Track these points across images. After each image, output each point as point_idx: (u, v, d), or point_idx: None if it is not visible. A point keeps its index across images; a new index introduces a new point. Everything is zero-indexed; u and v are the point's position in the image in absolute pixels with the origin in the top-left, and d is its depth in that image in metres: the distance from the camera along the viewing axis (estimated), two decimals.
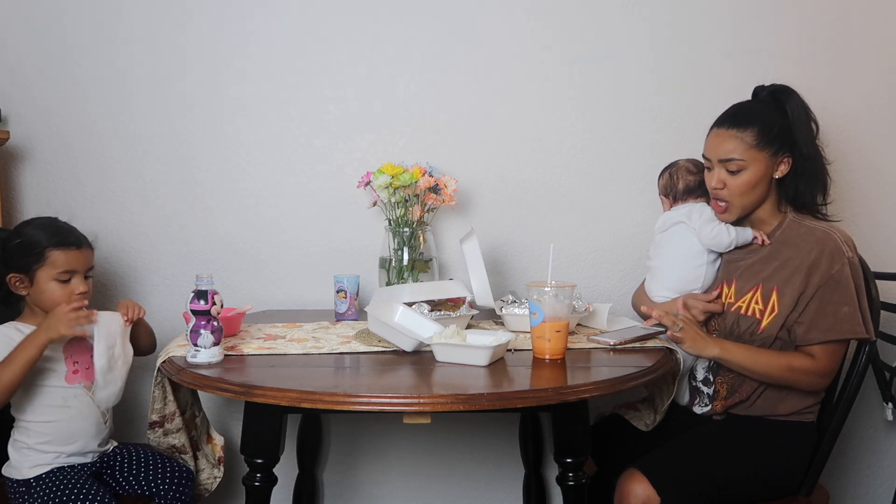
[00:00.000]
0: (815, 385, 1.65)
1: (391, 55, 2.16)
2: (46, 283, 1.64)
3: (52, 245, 1.64)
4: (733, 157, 1.65)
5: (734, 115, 1.69)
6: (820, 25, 2.19)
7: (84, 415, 1.68)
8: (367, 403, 1.31)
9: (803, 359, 1.63)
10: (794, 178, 1.69)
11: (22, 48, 2.12)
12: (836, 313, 1.60)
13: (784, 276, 1.65)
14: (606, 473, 1.78)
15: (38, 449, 1.64)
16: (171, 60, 2.14)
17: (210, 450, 1.77)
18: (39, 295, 1.65)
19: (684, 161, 1.85)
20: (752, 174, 1.65)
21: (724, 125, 1.68)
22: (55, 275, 1.64)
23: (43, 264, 1.64)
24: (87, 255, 1.70)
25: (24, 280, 1.65)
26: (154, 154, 2.16)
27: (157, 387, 1.58)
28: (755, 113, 1.68)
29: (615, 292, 2.24)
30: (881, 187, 2.25)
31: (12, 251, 1.65)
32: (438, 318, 1.69)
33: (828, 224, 1.69)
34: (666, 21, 2.17)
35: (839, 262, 1.60)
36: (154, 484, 1.71)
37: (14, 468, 1.66)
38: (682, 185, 1.83)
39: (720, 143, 1.67)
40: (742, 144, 1.64)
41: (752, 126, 1.65)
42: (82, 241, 1.70)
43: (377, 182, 1.96)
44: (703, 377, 1.76)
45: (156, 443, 1.67)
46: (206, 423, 1.79)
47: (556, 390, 1.38)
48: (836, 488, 2.30)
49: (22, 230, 1.68)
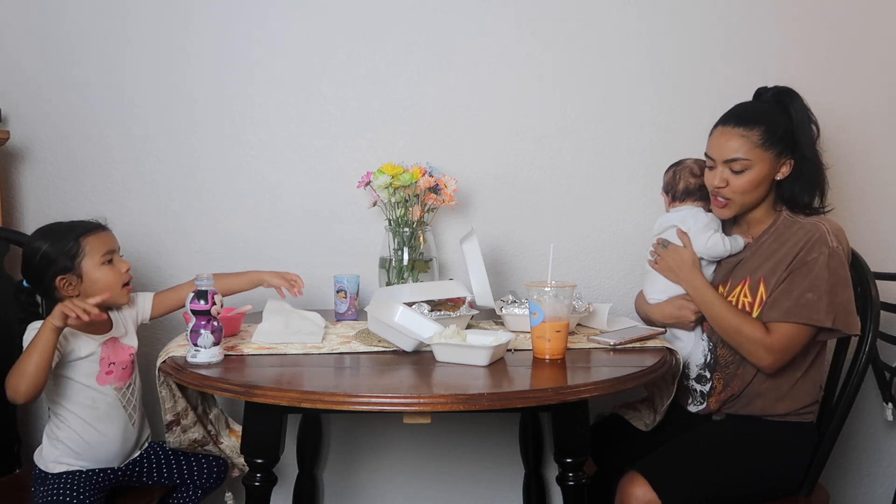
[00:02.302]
0: (760, 358, 1.63)
1: (391, 55, 2.16)
2: (95, 272, 1.63)
3: (81, 234, 1.64)
4: (738, 157, 1.65)
5: (740, 114, 1.68)
6: (819, 25, 2.19)
7: (111, 417, 1.67)
8: (367, 403, 1.31)
9: (756, 328, 1.63)
10: (793, 181, 1.69)
11: (22, 48, 2.12)
12: (800, 297, 1.60)
13: (770, 267, 1.66)
14: (606, 473, 1.78)
15: (65, 442, 1.65)
16: (171, 61, 2.14)
17: (235, 442, 1.76)
18: (92, 286, 1.63)
19: (691, 161, 1.83)
20: (755, 174, 1.65)
21: (729, 123, 1.68)
22: (100, 259, 1.63)
23: (84, 255, 1.62)
24: (113, 236, 1.71)
25: (72, 280, 1.63)
26: (154, 154, 2.16)
27: (162, 386, 1.58)
28: (761, 113, 1.68)
29: (615, 292, 2.24)
30: (881, 188, 2.25)
31: (42, 263, 1.62)
32: (438, 318, 1.69)
33: (819, 217, 1.69)
34: (665, 21, 2.17)
35: (818, 251, 1.60)
36: (187, 474, 1.75)
37: (42, 457, 1.67)
38: (682, 185, 1.82)
39: (725, 141, 1.66)
40: (748, 143, 1.64)
41: (758, 126, 1.64)
42: (101, 224, 1.70)
43: (377, 182, 1.96)
44: (696, 375, 1.76)
45: (177, 444, 1.66)
46: (224, 417, 1.79)
47: (556, 390, 1.38)
48: (836, 488, 2.30)
49: (35, 244, 1.64)
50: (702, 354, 1.76)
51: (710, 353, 1.75)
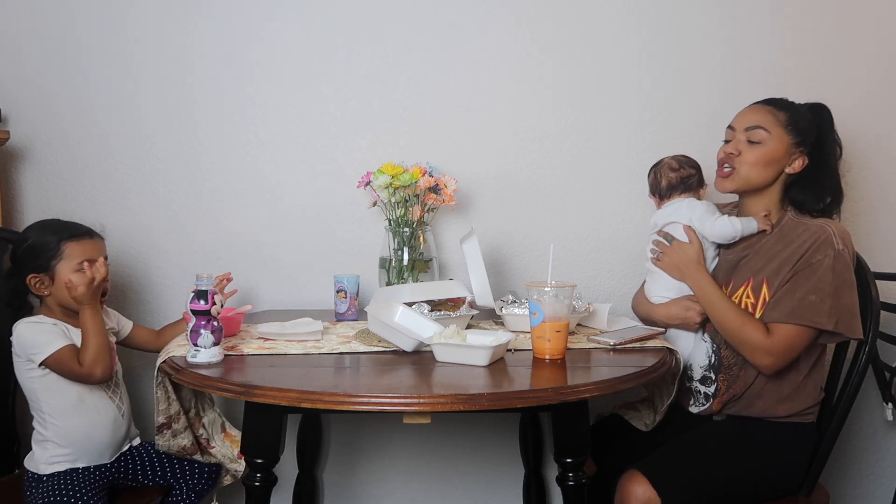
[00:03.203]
0: (760, 361, 1.64)
1: (391, 55, 2.16)
2: (68, 276, 1.65)
3: (64, 238, 1.67)
4: (760, 126, 1.68)
5: (773, 99, 1.75)
6: (817, 27, 2.19)
7: (100, 412, 1.69)
8: (367, 403, 1.31)
9: (758, 330, 1.63)
10: (804, 188, 1.71)
11: (23, 47, 2.12)
12: (803, 299, 1.60)
13: (774, 268, 1.66)
14: (606, 473, 1.78)
15: (55, 442, 1.66)
16: (171, 61, 2.13)
17: (229, 447, 1.77)
18: (62, 290, 1.66)
19: (668, 158, 1.85)
20: (769, 150, 1.68)
21: (761, 102, 1.75)
22: (75, 266, 1.66)
23: (60, 258, 1.66)
24: (100, 245, 1.73)
25: (44, 279, 1.67)
26: (155, 154, 2.16)
27: (158, 387, 1.58)
28: (792, 105, 1.74)
29: (615, 292, 2.24)
30: (881, 188, 2.25)
31: (25, 254, 1.67)
32: (438, 318, 1.69)
33: (825, 220, 1.69)
34: (665, 22, 2.17)
35: (823, 252, 1.61)
36: (180, 475, 1.75)
37: (33, 461, 1.68)
38: (664, 182, 1.83)
39: (752, 112, 1.73)
40: (772, 119, 1.69)
41: (786, 111, 1.71)
42: (92, 231, 1.73)
43: (377, 182, 1.96)
44: (700, 376, 1.76)
45: (165, 447, 1.66)
46: (221, 421, 1.79)
47: (556, 390, 1.37)
48: (836, 488, 2.30)
49: (28, 233, 1.70)
50: (705, 356, 1.76)
51: (714, 355, 1.75)
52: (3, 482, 1.80)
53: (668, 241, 1.79)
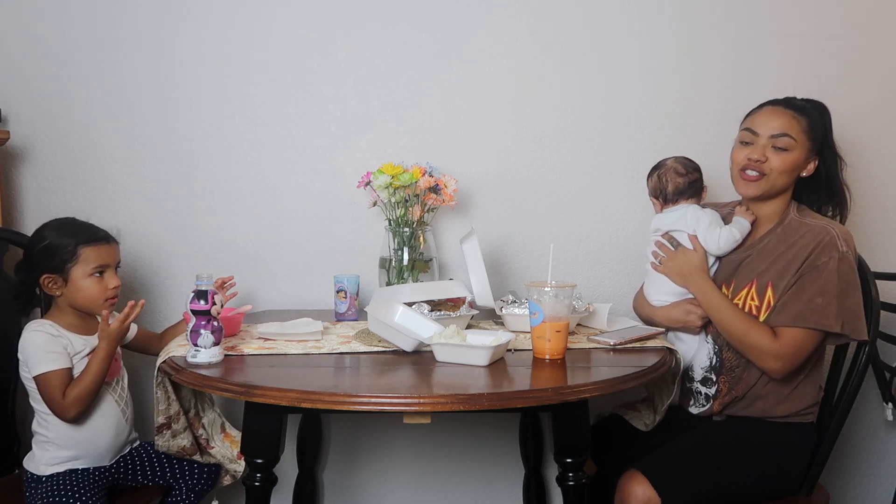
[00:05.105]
0: (768, 365, 1.64)
1: (391, 55, 2.16)
2: (81, 281, 1.66)
3: (82, 242, 1.66)
4: (788, 134, 1.67)
5: (790, 101, 1.73)
6: (819, 28, 2.19)
7: (103, 412, 1.69)
8: (367, 403, 1.31)
9: (764, 334, 1.63)
10: (811, 193, 1.73)
11: (22, 48, 2.12)
12: (809, 302, 1.60)
13: (778, 270, 1.66)
14: (606, 473, 1.78)
15: (56, 443, 1.66)
16: (171, 61, 2.14)
17: (228, 447, 1.77)
18: (75, 293, 1.66)
19: (672, 161, 1.82)
20: (795, 156, 1.68)
21: (780, 105, 1.72)
22: (89, 271, 1.66)
23: (76, 262, 1.66)
24: (115, 250, 1.74)
25: (57, 280, 1.66)
26: (154, 154, 2.16)
27: (158, 387, 1.58)
28: (807, 107, 1.72)
29: (615, 292, 2.24)
30: (881, 188, 2.25)
31: (41, 254, 1.67)
32: (438, 318, 1.69)
33: (827, 220, 1.69)
34: (666, 21, 2.17)
35: (828, 255, 1.61)
36: (180, 475, 1.75)
37: (33, 462, 1.68)
38: (671, 187, 1.80)
39: (777, 117, 1.69)
40: (797, 125, 1.68)
41: (805, 116, 1.70)
42: (109, 236, 1.73)
43: (377, 182, 1.96)
44: (702, 377, 1.76)
45: (165, 448, 1.66)
46: (221, 421, 1.79)
47: (556, 390, 1.37)
48: (836, 488, 2.30)
49: (44, 233, 1.69)
50: (707, 357, 1.76)
51: (716, 357, 1.75)
52: (3, 482, 1.80)
53: (674, 245, 1.78)
